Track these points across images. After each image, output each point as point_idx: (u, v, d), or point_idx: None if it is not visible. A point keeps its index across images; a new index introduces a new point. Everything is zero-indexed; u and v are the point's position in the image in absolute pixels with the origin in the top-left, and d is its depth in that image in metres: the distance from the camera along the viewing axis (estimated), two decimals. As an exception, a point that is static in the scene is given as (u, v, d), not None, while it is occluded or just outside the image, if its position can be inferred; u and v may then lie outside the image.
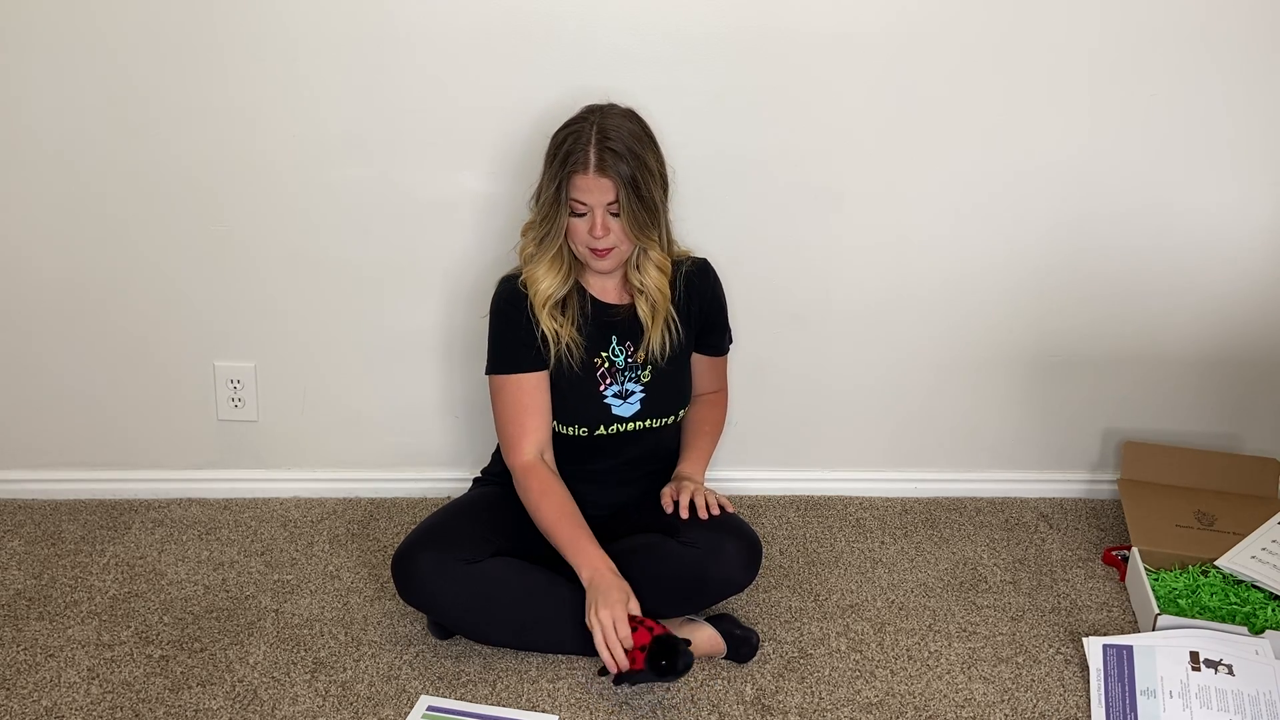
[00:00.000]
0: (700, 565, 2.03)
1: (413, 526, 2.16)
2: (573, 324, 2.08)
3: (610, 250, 2.03)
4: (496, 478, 2.22)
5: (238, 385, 2.47)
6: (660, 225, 2.06)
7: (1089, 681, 2.02)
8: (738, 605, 2.19)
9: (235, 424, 2.50)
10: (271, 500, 2.52)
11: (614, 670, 1.91)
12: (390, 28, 2.23)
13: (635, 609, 1.93)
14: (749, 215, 2.38)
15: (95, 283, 2.39)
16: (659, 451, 2.22)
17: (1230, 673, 1.98)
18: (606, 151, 1.97)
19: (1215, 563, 2.24)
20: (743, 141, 2.32)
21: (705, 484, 2.19)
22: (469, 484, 2.33)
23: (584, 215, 2.00)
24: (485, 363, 2.13)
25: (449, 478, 2.53)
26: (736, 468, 2.55)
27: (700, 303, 2.18)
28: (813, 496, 2.58)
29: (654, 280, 2.10)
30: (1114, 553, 2.37)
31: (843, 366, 2.52)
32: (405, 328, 2.44)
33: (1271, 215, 2.42)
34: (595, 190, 1.98)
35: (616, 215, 2.00)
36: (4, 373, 2.45)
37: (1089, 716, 1.96)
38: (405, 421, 2.52)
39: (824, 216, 2.39)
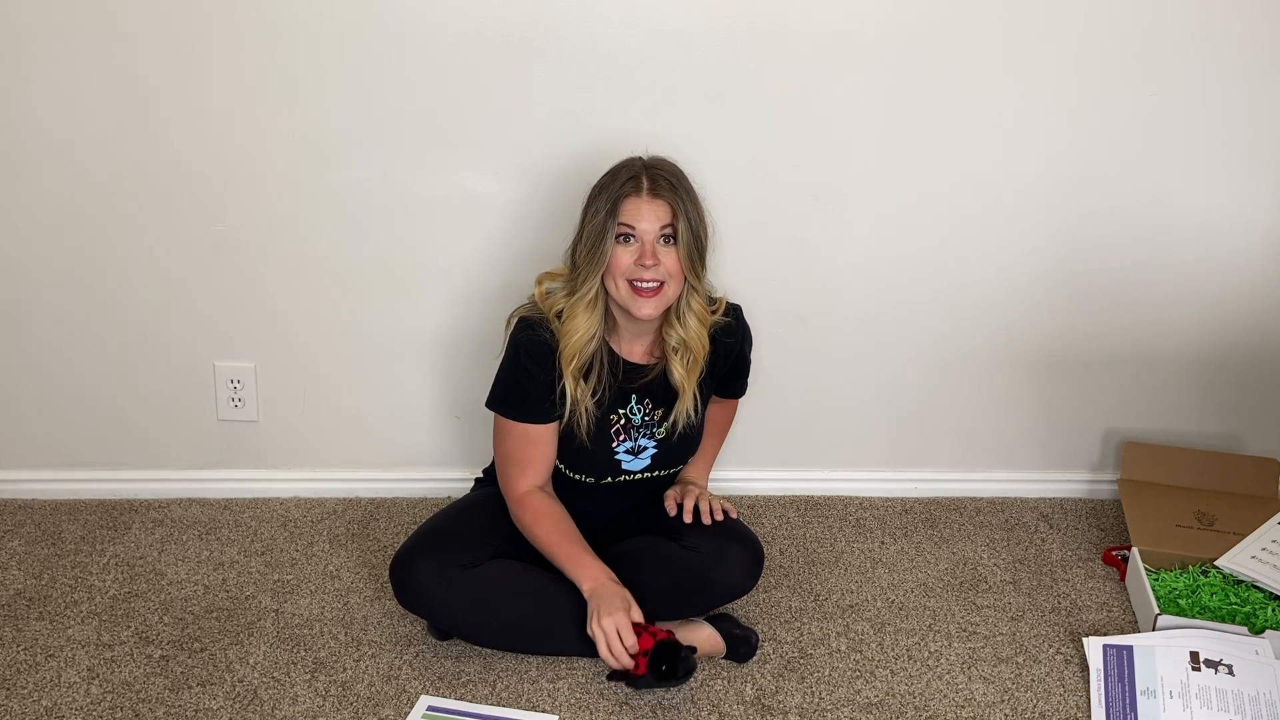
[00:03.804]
0: (702, 570, 2.03)
1: (413, 527, 2.16)
2: (593, 393, 2.00)
3: (658, 289, 1.93)
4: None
5: (238, 385, 2.47)
6: (705, 269, 1.98)
7: (1089, 681, 2.02)
8: (738, 605, 2.19)
9: (235, 424, 2.50)
10: (271, 500, 2.52)
11: (622, 668, 1.90)
12: (392, 28, 2.23)
13: (637, 616, 1.93)
14: (749, 215, 2.37)
15: (96, 282, 2.39)
16: (661, 487, 2.19)
17: (1230, 673, 1.98)
18: (660, 177, 1.92)
19: (1215, 563, 2.24)
20: (743, 141, 2.32)
21: (709, 488, 2.19)
22: (469, 484, 2.33)
23: (630, 245, 1.92)
24: (489, 394, 2.07)
25: (449, 478, 2.53)
26: (737, 468, 2.55)
27: (726, 360, 2.13)
28: (813, 496, 2.58)
29: (694, 332, 2.00)
30: (1114, 553, 2.37)
31: (843, 366, 2.52)
32: (405, 328, 2.44)
33: (1271, 215, 2.42)
34: (648, 214, 1.90)
35: (668, 242, 1.92)
36: (4, 372, 2.45)
37: (1089, 716, 1.96)
38: (405, 422, 2.52)
39: (824, 216, 2.39)
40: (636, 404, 2.07)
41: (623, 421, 2.07)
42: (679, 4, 2.23)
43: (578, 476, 2.10)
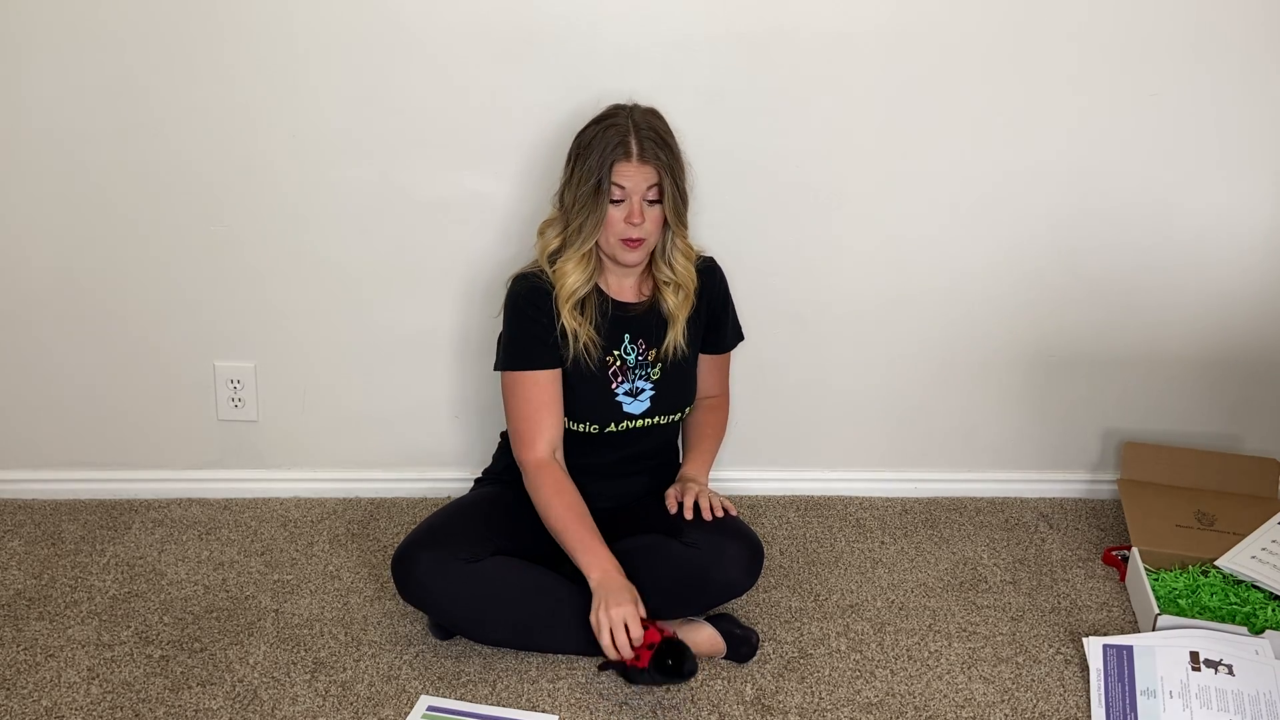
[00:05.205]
0: (702, 567, 2.03)
1: (413, 526, 2.16)
2: (591, 323, 2.10)
3: (642, 241, 2.05)
4: (497, 478, 2.23)
5: (238, 385, 2.47)
6: (688, 210, 2.11)
7: (1089, 681, 2.02)
8: (738, 605, 2.19)
9: (235, 424, 2.50)
10: (271, 500, 2.52)
11: (623, 658, 1.90)
12: (392, 27, 2.23)
13: (641, 612, 1.94)
14: (749, 215, 2.38)
15: (96, 282, 2.39)
16: (662, 446, 2.24)
17: (1230, 673, 1.98)
18: (647, 140, 2.02)
19: (1215, 563, 2.24)
20: (743, 141, 2.32)
21: (709, 486, 2.19)
22: (470, 484, 2.33)
23: (621, 203, 2.02)
24: (495, 359, 2.13)
25: (449, 478, 2.53)
26: (737, 468, 2.55)
27: (709, 302, 2.20)
28: (813, 496, 2.58)
29: (682, 265, 2.13)
30: (1114, 553, 2.37)
31: (843, 366, 2.52)
32: (405, 327, 2.44)
33: (1271, 215, 2.42)
34: (637, 177, 2.01)
35: (653, 203, 2.04)
36: (4, 372, 2.45)
37: (1089, 716, 1.96)
38: (405, 421, 2.52)
39: (824, 216, 2.40)
40: (630, 344, 2.13)
41: (618, 364, 2.13)
42: (679, 3, 2.23)
43: (581, 427, 2.12)
